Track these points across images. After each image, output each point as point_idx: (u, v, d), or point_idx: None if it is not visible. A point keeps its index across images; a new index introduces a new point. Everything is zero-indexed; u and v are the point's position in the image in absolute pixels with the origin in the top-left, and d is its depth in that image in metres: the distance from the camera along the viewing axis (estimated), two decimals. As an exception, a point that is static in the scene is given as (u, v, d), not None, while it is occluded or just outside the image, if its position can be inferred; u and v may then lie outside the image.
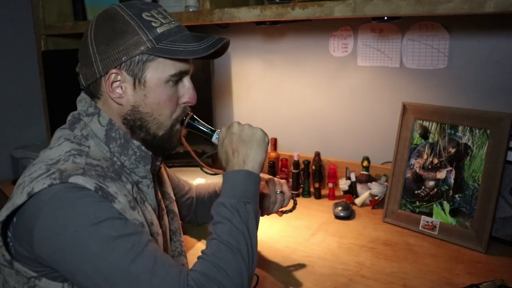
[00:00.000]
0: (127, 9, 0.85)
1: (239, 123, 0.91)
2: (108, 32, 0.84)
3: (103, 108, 0.88)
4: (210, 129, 0.96)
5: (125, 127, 0.89)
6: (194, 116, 0.95)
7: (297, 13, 1.24)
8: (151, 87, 0.86)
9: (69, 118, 0.91)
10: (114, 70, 0.84)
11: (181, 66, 0.87)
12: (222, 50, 0.90)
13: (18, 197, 0.76)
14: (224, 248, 0.78)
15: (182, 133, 0.95)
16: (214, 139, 0.96)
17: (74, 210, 0.73)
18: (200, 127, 0.96)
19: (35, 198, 0.74)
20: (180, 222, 1.11)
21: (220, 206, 0.83)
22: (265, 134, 0.90)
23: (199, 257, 0.79)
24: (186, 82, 0.91)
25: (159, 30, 0.84)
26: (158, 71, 0.85)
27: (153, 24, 0.84)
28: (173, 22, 0.88)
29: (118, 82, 0.85)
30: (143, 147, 0.89)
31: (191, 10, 1.51)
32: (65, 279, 0.78)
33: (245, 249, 0.79)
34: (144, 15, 0.85)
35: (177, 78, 0.88)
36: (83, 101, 0.90)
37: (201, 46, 0.84)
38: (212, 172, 1.10)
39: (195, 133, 0.96)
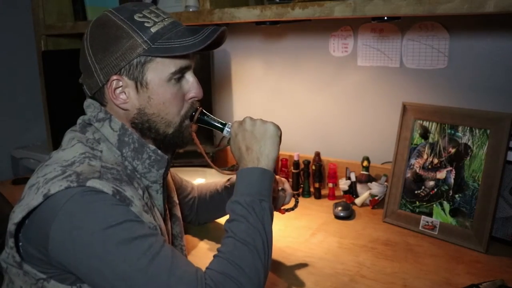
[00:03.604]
0: (118, 14, 0.85)
1: (251, 118, 0.92)
2: (103, 40, 0.84)
3: (107, 111, 0.88)
4: (221, 122, 0.96)
5: (136, 131, 0.89)
6: (204, 111, 0.95)
7: (297, 13, 1.24)
8: (153, 88, 0.85)
9: (79, 121, 0.90)
10: (115, 77, 0.84)
11: (181, 63, 0.86)
12: (220, 40, 0.90)
13: (32, 198, 0.75)
14: (241, 246, 0.78)
15: (193, 129, 0.94)
16: (225, 132, 0.96)
17: (91, 213, 0.73)
18: (211, 121, 0.96)
19: (50, 200, 0.74)
20: (182, 225, 1.11)
21: (235, 204, 0.83)
22: (278, 128, 0.91)
23: (215, 256, 0.79)
24: (190, 77, 0.90)
25: (153, 30, 0.83)
26: (158, 71, 0.85)
27: (146, 24, 0.83)
28: (166, 19, 0.86)
29: (120, 88, 0.85)
30: (159, 151, 0.88)
31: (191, 10, 1.51)
32: (73, 282, 0.77)
33: (261, 247, 0.79)
34: (136, 16, 0.84)
35: (179, 75, 0.87)
36: (91, 106, 0.89)
37: (197, 39, 0.83)
38: (229, 173, 1.09)
39: (203, 128, 0.96)
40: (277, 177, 1.11)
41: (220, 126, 0.96)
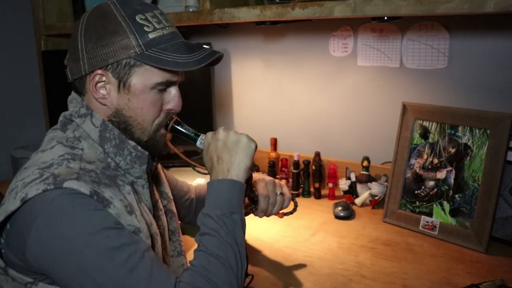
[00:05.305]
0: (121, 9, 0.83)
1: (224, 129, 0.90)
2: (98, 30, 0.82)
3: (89, 106, 0.87)
4: (195, 133, 0.94)
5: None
6: (179, 120, 0.93)
7: (297, 13, 1.24)
8: (135, 92, 0.84)
9: (60, 118, 0.89)
10: (99, 71, 0.83)
11: (168, 76, 0.85)
12: (214, 63, 0.89)
13: (11, 203, 0.74)
14: (214, 261, 0.77)
15: (167, 138, 0.93)
16: (198, 143, 0.93)
17: (69, 219, 0.72)
18: (185, 131, 0.93)
19: (28, 204, 0.73)
20: (179, 222, 1.11)
21: (206, 217, 0.82)
22: (251, 140, 0.88)
23: (188, 268, 0.78)
24: (173, 89, 0.89)
25: (150, 36, 0.82)
26: (144, 77, 0.83)
27: (145, 28, 0.82)
28: (167, 28, 0.85)
29: (102, 83, 0.84)
30: (139, 147, 0.87)
31: (191, 10, 1.51)
32: None
33: (234, 261, 0.78)
34: (137, 17, 0.82)
35: (163, 86, 0.86)
36: (74, 101, 0.88)
37: (191, 59, 0.82)
38: (206, 172, 1.07)
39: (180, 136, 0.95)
40: (276, 180, 1.11)
41: (194, 136, 0.93)
